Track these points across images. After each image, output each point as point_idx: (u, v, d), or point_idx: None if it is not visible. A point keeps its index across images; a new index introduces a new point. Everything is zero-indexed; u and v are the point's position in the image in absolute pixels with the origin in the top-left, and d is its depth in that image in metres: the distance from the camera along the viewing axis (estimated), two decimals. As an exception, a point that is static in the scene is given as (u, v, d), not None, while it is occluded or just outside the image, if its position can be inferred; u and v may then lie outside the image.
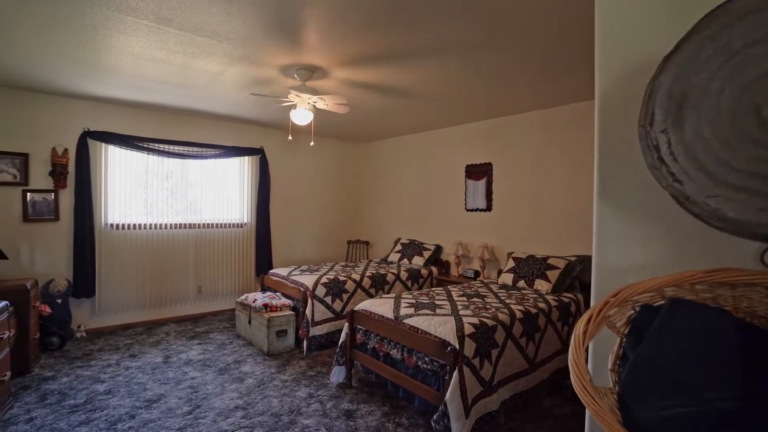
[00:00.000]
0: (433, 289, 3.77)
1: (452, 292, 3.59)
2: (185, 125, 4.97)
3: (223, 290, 5.31)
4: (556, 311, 3.35)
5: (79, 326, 4.27)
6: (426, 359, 2.59)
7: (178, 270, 4.94)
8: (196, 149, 5.00)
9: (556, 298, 3.54)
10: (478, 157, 5.04)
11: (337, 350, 3.24)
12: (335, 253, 6.59)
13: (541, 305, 3.28)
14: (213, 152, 5.11)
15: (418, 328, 2.69)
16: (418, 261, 5.26)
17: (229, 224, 5.35)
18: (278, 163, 5.82)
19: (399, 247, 5.60)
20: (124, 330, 4.49)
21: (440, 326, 2.62)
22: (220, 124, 5.25)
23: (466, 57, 3.04)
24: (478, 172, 5.02)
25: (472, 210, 5.10)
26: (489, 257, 4.71)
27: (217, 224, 5.24)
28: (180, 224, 4.95)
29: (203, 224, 5.13)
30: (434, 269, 5.20)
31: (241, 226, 5.46)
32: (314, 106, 3.54)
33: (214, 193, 5.23)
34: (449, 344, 2.46)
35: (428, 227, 5.69)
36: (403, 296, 3.40)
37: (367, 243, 6.53)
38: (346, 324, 3.23)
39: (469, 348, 2.48)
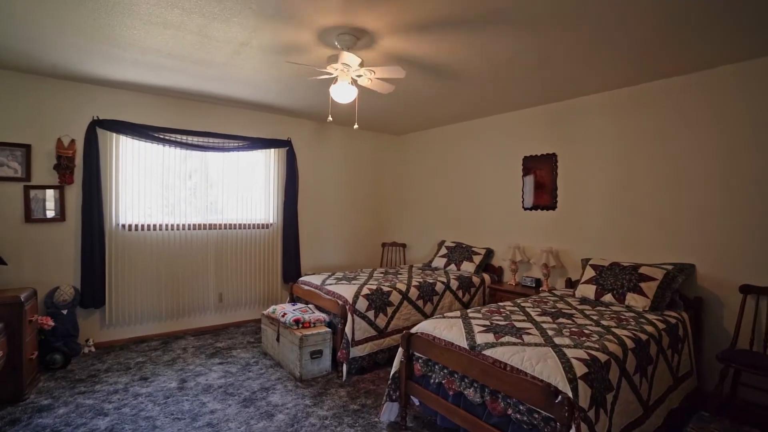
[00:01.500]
0: (502, 304, 3.09)
1: (529, 310, 2.90)
2: (205, 114, 4.44)
3: (247, 299, 4.76)
4: (666, 336, 2.62)
5: (87, 340, 3.76)
6: (521, 408, 1.92)
7: (197, 276, 4.41)
8: (217, 141, 4.46)
9: (661, 318, 2.80)
10: (539, 147, 4.33)
11: (389, 382, 2.60)
12: (368, 257, 5.96)
13: (649, 329, 2.55)
14: (236, 144, 4.56)
15: (506, 364, 2.02)
16: (467, 267, 4.58)
17: (254, 225, 4.79)
18: (307, 157, 5.23)
19: (444, 250, 4.93)
20: (138, 344, 3.97)
21: (538, 363, 1.94)
22: (244, 112, 4.70)
23: (543, 27, 2.43)
24: (540, 164, 4.30)
25: (531, 209, 4.39)
26: (555, 264, 3.99)
27: (240, 225, 4.69)
28: (199, 225, 4.42)
29: (225, 225, 4.58)
30: (486, 277, 4.50)
31: (267, 227, 4.90)
32: (356, 81, 2.92)
33: (237, 191, 4.67)
34: (558, 390, 1.78)
35: (476, 228, 5.00)
36: (470, 315, 2.73)
37: (403, 246, 5.88)
38: (401, 350, 2.58)
39: (584, 395, 1.80)
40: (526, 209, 4.44)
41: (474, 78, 3.46)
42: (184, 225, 4.30)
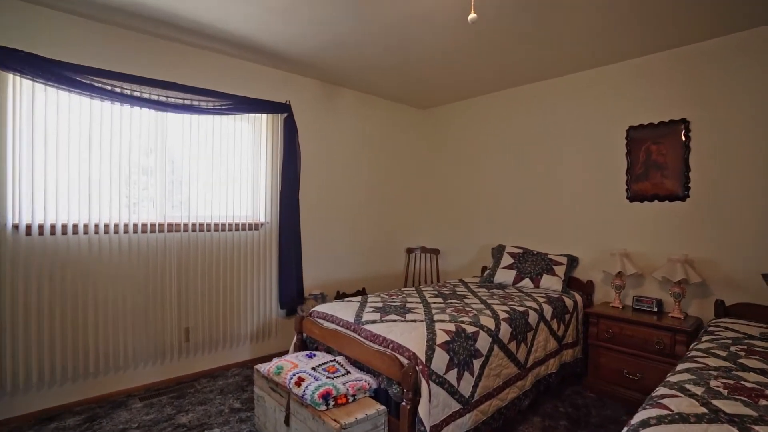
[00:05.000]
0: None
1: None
2: (165, 54, 2.90)
3: (227, 335, 3.23)
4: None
5: (-54, 426, 2.17)
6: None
7: (149, 303, 2.85)
8: (182, 96, 2.92)
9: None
10: (657, 113, 3.03)
11: None
12: (389, 266, 4.52)
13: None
14: (211, 103, 3.03)
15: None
16: (550, 283, 3.22)
17: (237, 225, 3.27)
18: (311, 130, 3.76)
19: (508, 259, 3.55)
20: (47, 423, 2.39)
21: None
22: (224, 59, 3.19)
23: None
24: (659, 137, 3.00)
25: (642, 199, 3.08)
26: (695, 279, 2.68)
27: (216, 225, 3.16)
28: (152, 225, 2.86)
29: (193, 225, 3.04)
30: (578, 297, 3.16)
31: (256, 228, 3.39)
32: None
33: (211, 174, 3.15)
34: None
35: (546, 228, 3.66)
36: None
37: (436, 252, 4.48)
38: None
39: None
40: (632, 200, 3.13)
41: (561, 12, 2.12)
42: (125, 225, 2.74)
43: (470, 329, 2.16)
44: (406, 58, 3.19)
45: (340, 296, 3.87)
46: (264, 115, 3.41)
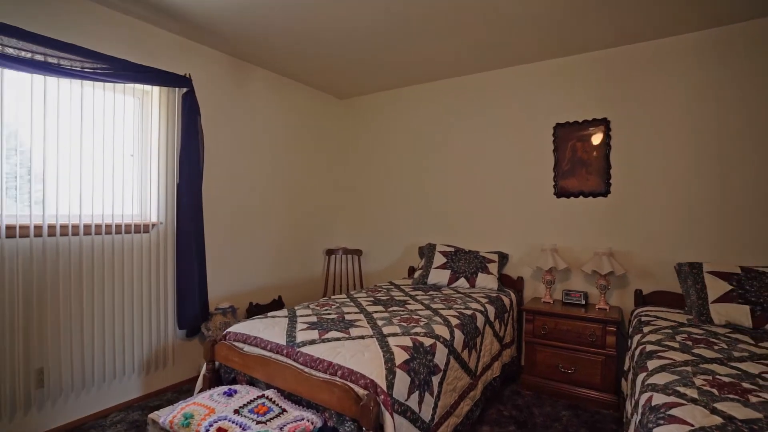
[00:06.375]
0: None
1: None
2: (0, -10, 2.08)
3: (104, 368, 2.47)
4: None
5: None
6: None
7: (-21, 340, 2.01)
8: (33, 48, 2.11)
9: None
10: (581, 112, 3.11)
11: None
12: (307, 270, 4.06)
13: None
14: (78, 64, 2.25)
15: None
16: (486, 282, 3.12)
17: (118, 226, 2.53)
18: (218, 112, 3.14)
19: (441, 259, 3.37)
20: None
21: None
22: (103, 11, 2.43)
23: None
24: (584, 135, 3.09)
25: (569, 195, 3.15)
26: (620, 271, 2.79)
27: (88, 227, 2.39)
28: (-16, 227, 2.03)
29: (52, 227, 2.24)
30: (513, 296, 3.11)
31: (146, 230, 2.68)
32: None
33: (81, 159, 2.37)
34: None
35: (476, 225, 3.58)
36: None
37: (358, 253, 4.15)
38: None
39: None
40: (559, 196, 3.19)
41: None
42: (-62, 228, 1.88)
43: (427, 342, 1.87)
44: (319, 38, 2.81)
45: (254, 308, 3.31)
46: (156, 89, 2.72)
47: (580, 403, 2.67)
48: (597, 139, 3.03)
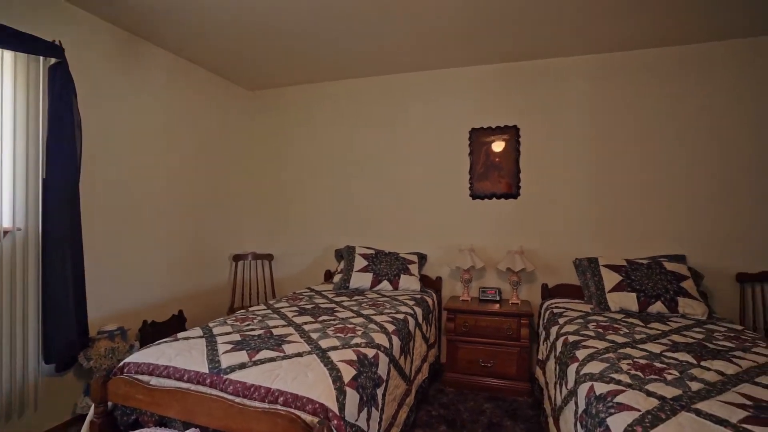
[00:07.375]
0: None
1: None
2: None
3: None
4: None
5: None
6: None
7: None
8: None
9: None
10: (495, 118, 3.29)
11: None
12: (211, 278, 3.61)
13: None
14: None
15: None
16: (409, 283, 3.11)
17: (-48, 235, 1.89)
18: (102, 94, 2.58)
19: (362, 262, 3.26)
20: None
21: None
22: None
23: None
24: (495, 140, 3.28)
25: (483, 197, 3.31)
26: (530, 268, 3.02)
27: None
28: None
29: None
30: (435, 296, 3.16)
31: (-5, 239, 2.06)
32: None
33: None
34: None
35: (394, 226, 3.57)
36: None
37: (269, 257, 3.83)
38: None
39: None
40: (475, 198, 3.34)
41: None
42: None
43: (370, 353, 1.75)
44: (227, 20, 2.51)
45: (150, 328, 2.81)
46: (7, 54, 2.11)
47: (499, 393, 2.82)
48: (508, 144, 3.25)
